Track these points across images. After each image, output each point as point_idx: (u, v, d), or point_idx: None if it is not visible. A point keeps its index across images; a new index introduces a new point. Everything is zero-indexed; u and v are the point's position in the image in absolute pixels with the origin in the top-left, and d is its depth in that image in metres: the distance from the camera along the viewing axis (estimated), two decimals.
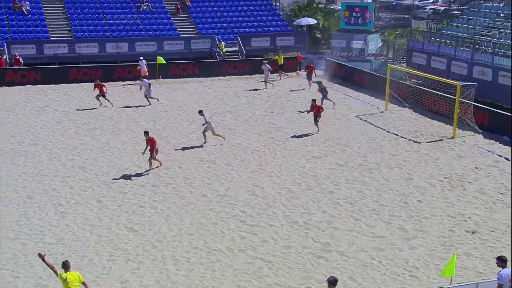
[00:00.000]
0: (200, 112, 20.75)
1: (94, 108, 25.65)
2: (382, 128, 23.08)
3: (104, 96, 25.88)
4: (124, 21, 36.91)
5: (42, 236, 13.73)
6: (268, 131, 22.68)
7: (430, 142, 21.24)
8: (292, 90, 29.82)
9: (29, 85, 29.47)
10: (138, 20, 37.32)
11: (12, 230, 13.99)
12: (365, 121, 24.22)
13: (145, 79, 27.01)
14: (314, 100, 22.65)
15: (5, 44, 32.14)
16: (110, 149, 20.22)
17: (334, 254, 13.05)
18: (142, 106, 26.03)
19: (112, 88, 29.57)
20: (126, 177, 17.58)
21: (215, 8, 40.42)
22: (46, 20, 35.60)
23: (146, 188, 16.78)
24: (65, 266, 10.32)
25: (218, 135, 20.82)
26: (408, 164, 18.83)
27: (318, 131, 22.03)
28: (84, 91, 28.83)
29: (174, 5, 39.52)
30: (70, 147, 20.34)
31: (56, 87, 29.15)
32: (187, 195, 16.31)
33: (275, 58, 32.31)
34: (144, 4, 38.31)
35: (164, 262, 12.64)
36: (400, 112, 25.47)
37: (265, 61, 30.87)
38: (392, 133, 22.45)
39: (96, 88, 25.93)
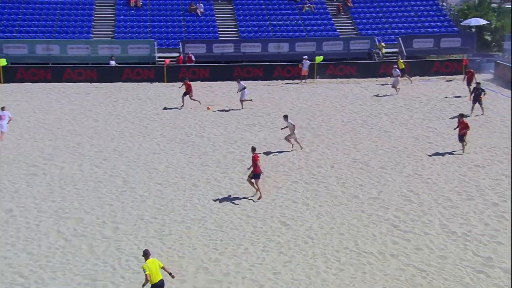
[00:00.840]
0: (285, 117, 20.41)
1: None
2: None
3: (190, 96, 26.06)
4: (287, 22, 38.06)
5: (204, 222, 14.84)
6: (427, 135, 21.78)
7: None
8: (455, 95, 28.26)
9: (199, 81, 31.84)
10: (299, 21, 38.21)
11: (179, 213, 15.35)
12: None
13: (241, 82, 26.23)
14: (461, 115, 20.15)
15: (180, 43, 35.17)
16: (267, 145, 21.08)
17: (497, 270, 12.17)
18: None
19: (272, 86, 30.80)
20: (281, 172, 18.20)
21: (377, 9, 39.74)
22: (217, 21, 38.18)
23: (299, 185, 17.21)
24: (146, 254, 10.69)
25: (298, 143, 20.34)
26: None
27: (463, 152, 19.61)
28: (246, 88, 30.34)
29: (336, 5, 39.71)
30: (231, 141, 21.63)
31: (222, 84, 31.09)
32: (338, 195, 16.40)
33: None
34: (307, 5, 39.10)
35: (314, 258, 12.88)
36: None
37: (395, 66, 29.65)
38: None
39: (183, 86, 26.28)
